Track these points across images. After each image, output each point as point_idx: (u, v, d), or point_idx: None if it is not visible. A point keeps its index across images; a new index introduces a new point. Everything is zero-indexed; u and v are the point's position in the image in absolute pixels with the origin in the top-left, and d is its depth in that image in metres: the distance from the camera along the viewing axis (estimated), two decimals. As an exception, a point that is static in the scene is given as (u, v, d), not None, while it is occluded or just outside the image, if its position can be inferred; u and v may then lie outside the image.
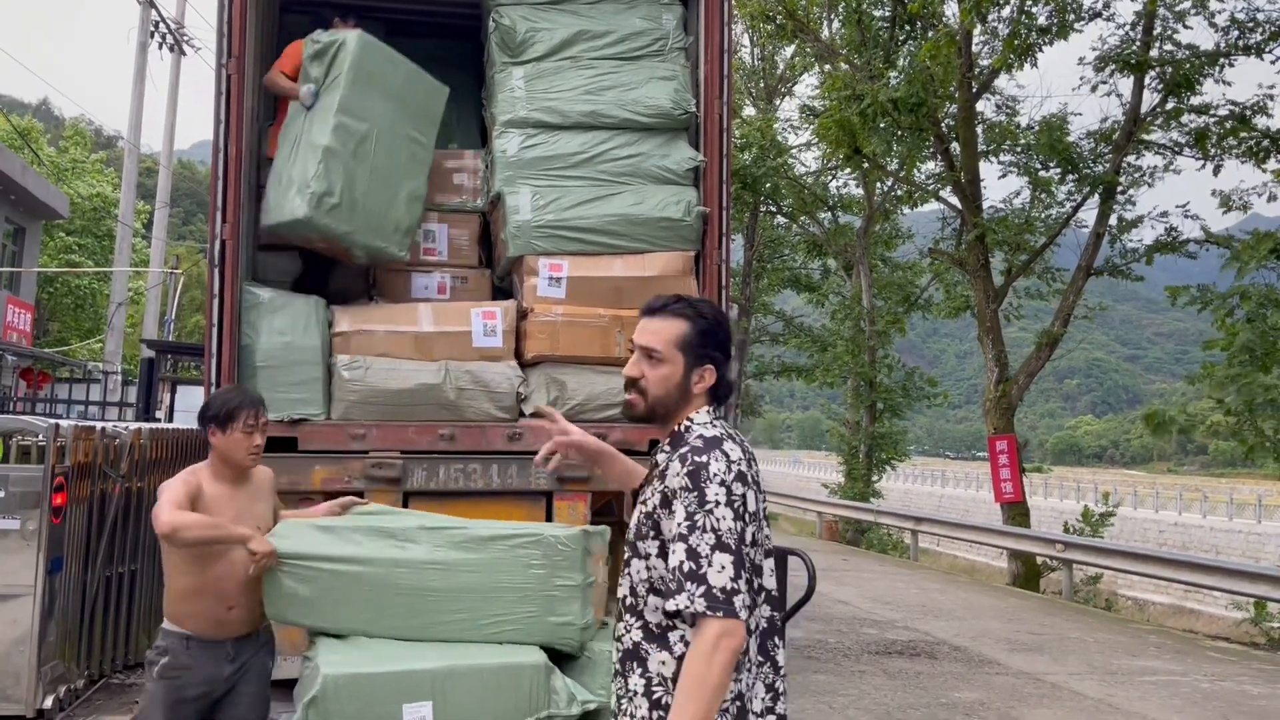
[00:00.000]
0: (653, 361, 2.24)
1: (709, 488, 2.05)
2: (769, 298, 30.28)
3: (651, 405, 2.25)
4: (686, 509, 2.05)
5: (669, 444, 2.23)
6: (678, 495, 2.08)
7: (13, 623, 5.40)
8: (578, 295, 5.75)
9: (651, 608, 2.14)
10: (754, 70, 27.63)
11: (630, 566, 2.20)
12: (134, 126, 21.21)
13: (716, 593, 1.99)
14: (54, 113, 71.02)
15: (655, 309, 2.28)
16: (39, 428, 5.59)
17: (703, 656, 1.98)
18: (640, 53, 6.19)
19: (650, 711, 2.10)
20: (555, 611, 3.76)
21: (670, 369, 2.23)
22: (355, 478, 5.26)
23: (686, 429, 2.21)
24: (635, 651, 2.15)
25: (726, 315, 2.30)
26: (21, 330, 23.51)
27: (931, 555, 24.10)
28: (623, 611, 2.22)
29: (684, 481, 2.07)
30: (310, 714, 3.29)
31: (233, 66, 5.37)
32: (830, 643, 8.63)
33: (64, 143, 37.66)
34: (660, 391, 2.23)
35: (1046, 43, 15.65)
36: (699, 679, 1.97)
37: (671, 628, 2.12)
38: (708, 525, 2.03)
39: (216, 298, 5.29)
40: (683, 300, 2.29)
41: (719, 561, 2.01)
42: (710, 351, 2.25)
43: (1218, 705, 7.01)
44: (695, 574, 2.01)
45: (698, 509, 2.04)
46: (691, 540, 2.03)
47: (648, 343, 2.25)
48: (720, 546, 2.02)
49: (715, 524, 2.03)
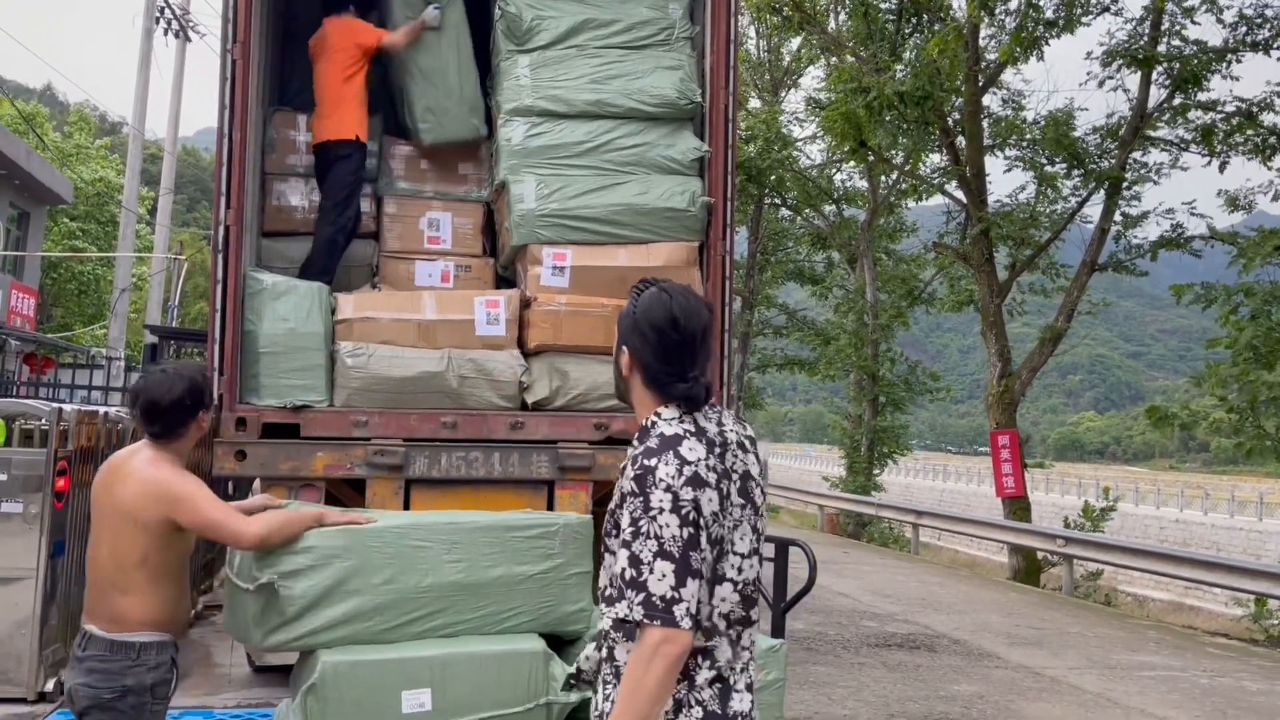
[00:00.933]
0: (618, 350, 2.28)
1: (653, 493, 2.02)
2: (772, 290, 30.25)
3: (622, 393, 2.28)
4: (631, 514, 2.04)
5: (637, 439, 2.20)
6: (625, 500, 2.07)
7: (14, 606, 5.42)
8: (581, 285, 5.74)
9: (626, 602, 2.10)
10: (760, 62, 27.56)
11: (605, 560, 2.19)
12: (139, 113, 21.20)
13: (655, 600, 1.97)
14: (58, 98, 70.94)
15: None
16: (42, 412, 5.60)
17: (640, 663, 1.96)
18: (646, 42, 6.17)
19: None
20: (569, 599, 3.78)
21: (623, 358, 2.24)
22: (357, 465, 5.26)
23: (652, 424, 2.18)
24: (607, 638, 2.16)
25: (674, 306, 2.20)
26: (25, 315, 23.53)
27: (932, 549, 24.11)
28: (601, 601, 2.23)
29: (631, 486, 2.06)
30: (309, 701, 3.28)
31: (238, 52, 5.36)
32: (830, 635, 8.64)
33: (68, 128, 37.66)
34: (619, 380, 2.27)
35: (1053, 36, 15.60)
36: (635, 687, 1.96)
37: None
38: (650, 531, 2.00)
39: (220, 283, 5.29)
40: (644, 283, 2.27)
41: (660, 569, 1.98)
42: (623, 333, 2.23)
43: (1216, 701, 7.02)
44: (635, 581, 2.00)
45: (642, 514, 2.02)
46: (635, 547, 2.01)
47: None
48: (662, 554, 1.99)
49: (659, 530, 2.00)
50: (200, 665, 6.36)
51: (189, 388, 3.08)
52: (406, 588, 3.52)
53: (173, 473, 3.04)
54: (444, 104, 6.23)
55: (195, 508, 3.00)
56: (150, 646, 2.95)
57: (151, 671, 2.94)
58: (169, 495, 2.98)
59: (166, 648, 3.00)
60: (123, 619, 2.95)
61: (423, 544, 3.59)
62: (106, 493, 3.07)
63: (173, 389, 3.05)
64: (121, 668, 2.92)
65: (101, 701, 2.90)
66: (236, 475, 5.46)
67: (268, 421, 5.29)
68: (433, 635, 3.55)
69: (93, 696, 2.90)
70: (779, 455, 71.96)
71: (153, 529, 2.98)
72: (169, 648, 3.01)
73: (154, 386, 3.08)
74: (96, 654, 2.93)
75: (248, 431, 5.22)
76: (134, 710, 2.92)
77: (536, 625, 3.70)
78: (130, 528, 2.98)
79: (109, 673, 2.91)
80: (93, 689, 2.90)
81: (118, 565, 2.98)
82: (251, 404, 5.32)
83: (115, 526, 3.01)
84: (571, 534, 3.84)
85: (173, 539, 3.03)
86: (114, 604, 2.97)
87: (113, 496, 3.04)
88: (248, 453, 5.18)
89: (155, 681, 2.95)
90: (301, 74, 6.85)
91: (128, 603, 2.96)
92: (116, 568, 2.98)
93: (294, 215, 6.29)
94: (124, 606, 2.96)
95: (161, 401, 3.05)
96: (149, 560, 2.97)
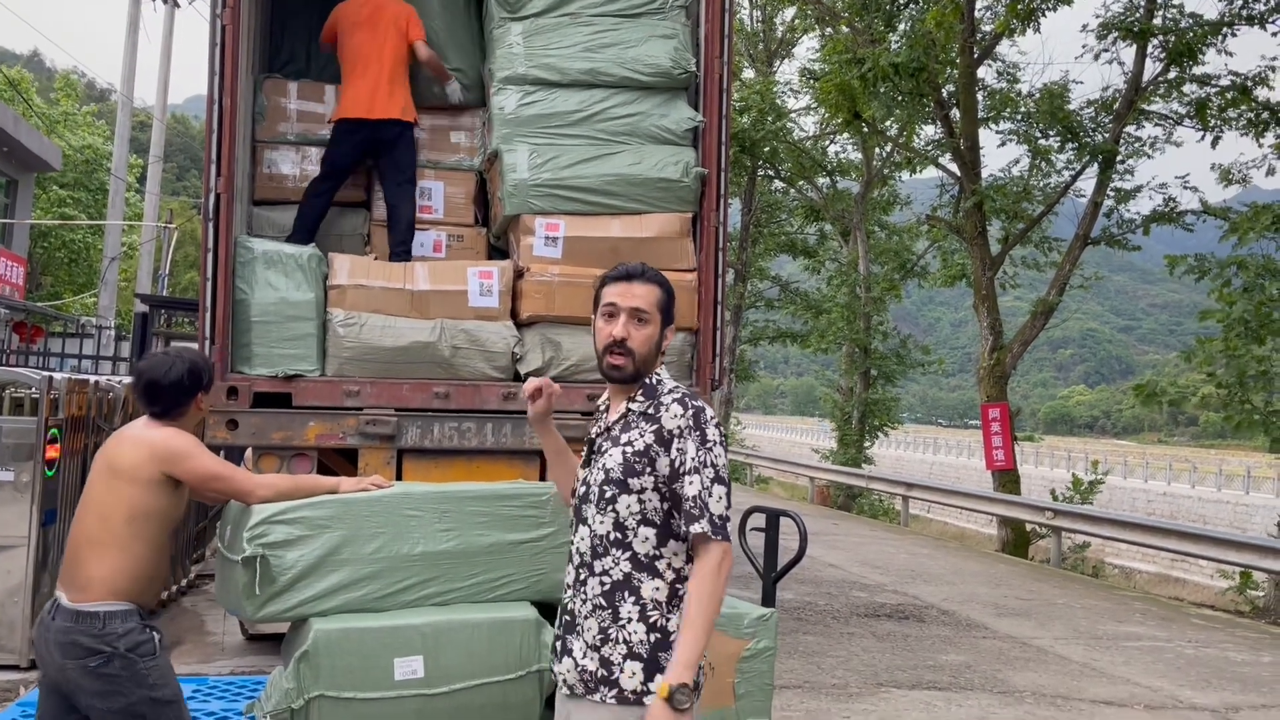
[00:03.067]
0: (640, 323, 2.45)
1: (708, 429, 2.36)
2: (765, 262, 30.22)
3: (638, 365, 2.44)
4: (695, 445, 2.34)
5: (643, 394, 2.45)
6: (681, 434, 2.35)
7: (6, 574, 5.43)
8: (574, 255, 5.72)
9: (641, 538, 2.36)
10: (753, 33, 27.38)
11: (616, 504, 2.37)
12: (127, 79, 20.99)
13: (717, 520, 2.29)
14: (45, 64, 70.20)
15: (634, 274, 2.49)
16: (32, 380, 5.58)
17: (711, 574, 2.27)
18: (640, 10, 6.12)
19: (648, 634, 2.32)
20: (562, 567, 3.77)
21: (652, 329, 2.46)
22: (349, 434, 5.26)
23: (659, 381, 2.47)
24: (626, 582, 2.35)
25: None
26: (14, 284, 23.39)
27: (922, 521, 24.27)
28: (604, 549, 2.38)
29: (688, 422, 2.36)
30: (302, 669, 3.29)
31: (228, 18, 5.30)
32: (820, 605, 8.71)
33: (55, 94, 37.25)
34: (645, 350, 2.44)
35: (1050, 8, 15.52)
36: (710, 594, 2.26)
37: (658, 557, 2.36)
38: (708, 461, 2.33)
39: (210, 252, 5.26)
40: (649, 268, 2.53)
41: (718, 493, 2.32)
42: (671, 314, 2.52)
43: (1200, 670, 7.10)
44: (703, 502, 2.30)
45: (700, 446, 2.33)
46: (703, 474, 2.31)
47: (638, 305, 2.45)
48: (718, 480, 2.33)
49: (714, 460, 2.34)
50: (193, 634, 6.38)
51: (189, 369, 3.16)
52: (398, 556, 3.52)
53: (174, 432, 3.10)
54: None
55: (198, 461, 3.06)
56: (114, 615, 2.96)
57: (122, 638, 2.95)
58: (168, 450, 3.03)
59: (130, 615, 2.99)
60: (88, 585, 2.96)
61: (414, 513, 3.59)
62: (104, 457, 3.11)
63: (172, 370, 3.13)
64: (90, 638, 2.93)
65: (89, 670, 2.92)
66: (228, 444, 5.45)
67: (259, 391, 5.29)
68: (425, 604, 3.55)
69: (79, 669, 2.92)
70: (770, 428, 72.16)
71: (146, 485, 3.00)
72: (132, 616, 2.99)
73: (155, 367, 3.16)
74: (62, 624, 2.95)
75: (239, 400, 5.22)
76: (128, 672, 2.94)
77: (529, 593, 3.71)
78: (123, 484, 3.00)
79: (80, 645, 2.92)
80: (77, 661, 2.93)
81: (102, 520, 3.00)
82: (243, 373, 5.32)
83: (107, 484, 3.03)
84: (563, 502, 3.83)
85: (164, 499, 3.03)
86: (86, 565, 2.98)
87: (109, 458, 3.08)
88: (239, 422, 5.18)
89: (131, 645, 2.95)
90: (292, 41, 6.78)
91: (101, 563, 2.97)
92: (101, 522, 3.00)
93: (285, 184, 6.22)
94: (94, 569, 2.97)
95: (161, 381, 3.12)
96: (135, 518, 2.99)
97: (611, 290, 2.47)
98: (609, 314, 2.45)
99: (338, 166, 6.04)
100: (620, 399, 2.49)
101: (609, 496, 2.38)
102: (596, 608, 2.36)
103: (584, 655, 2.35)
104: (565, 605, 2.47)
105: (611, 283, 2.49)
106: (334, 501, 3.50)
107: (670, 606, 2.33)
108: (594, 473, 2.46)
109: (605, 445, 2.45)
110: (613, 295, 2.46)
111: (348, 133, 5.99)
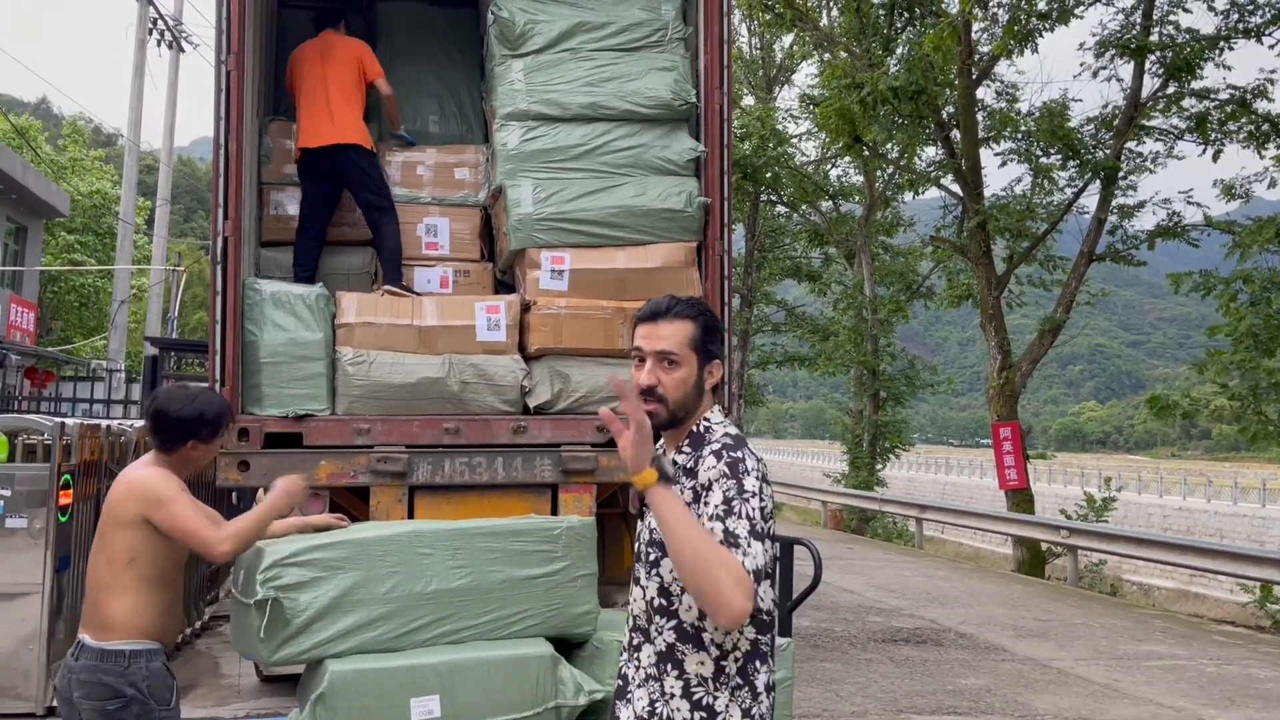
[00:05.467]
0: (669, 366, 2.22)
1: (746, 479, 2.09)
2: (770, 287, 30.24)
3: (673, 410, 2.22)
4: (725, 494, 2.07)
5: (689, 444, 2.22)
6: (714, 484, 2.09)
7: (21, 621, 5.42)
8: (580, 288, 5.75)
9: (685, 607, 2.15)
10: (752, 60, 27.55)
11: (660, 566, 2.19)
12: (133, 124, 21.20)
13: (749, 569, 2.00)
14: (53, 111, 70.93)
15: (660, 313, 2.26)
16: (44, 426, 5.60)
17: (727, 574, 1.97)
18: (640, 44, 6.17)
19: (692, 712, 2.12)
20: (576, 601, 3.77)
21: (687, 371, 2.23)
22: (361, 472, 5.27)
23: (707, 428, 2.24)
24: (670, 654, 2.16)
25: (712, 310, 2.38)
26: (25, 329, 23.53)
27: (936, 543, 24.11)
28: (650, 615, 2.21)
29: (723, 470, 2.10)
30: (318, 710, 3.28)
31: (232, 63, 5.36)
32: (837, 631, 8.65)
33: (63, 141, 37.63)
34: (680, 395, 2.22)
35: (1047, 28, 15.60)
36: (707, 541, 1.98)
37: (704, 629, 2.13)
38: (744, 512, 2.05)
39: (219, 294, 5.29)
40: (680, 300, 2.30)
41: (756, 549, 2.02)
42: (715, 348, 2.28)
43: (1223, 689, 7.03)
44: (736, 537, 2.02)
45: (736, 495, 2.06)
46: (729, 522, 2.03)
47: (664, 347, 2.22)
48: (755, 534, 2.03)
49: (751, 513, 2.05)
50: (208, 676, 6.36)
51: (197, 414, 3.13)
52: (412, 595, 3.52)
53: (158, 474, 3.07)
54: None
55: (170, 510, 3.01)
56: (139, 655, 2.97)
57: (145, 680, 2.95)
58: (147, 494, 3.01)
59: (156, 655, 3.00)
60: (110, 625, 2.98)
61: (427, 551, 3.60)
62: (107, 499, 3.14)
63: (183, 408, 3.12)
64: (114, 677, 2.93)
65: (107, 713, 2.92)
66: (240, 486, 5.46)
67: (270, 431, 5.30)
68: (440, 641, 3.55)
69: (96, 710, 2.92)
70: (780, 452, 71.92)
71: (131, 527, 3.00)
72: (158, 655, 3.01)
73: (169, 399, 3.16)
74: (87, 664, 2.96)
75: (250, 442, 5.23)
76: (141, 718, 2.94)
77: (544, 629, 3.71)
78: (116, 527, 3.02)
79: (103, 684, 2.93)
80: (94, 702, 2.92)
81: (110, 564, 3.02)
82: (254, 414, 5.33)
83: (108, 527, 3.06)
84: (575, 536, 3.84)
85: (152, 540, 3.03)
86: (104, 608, 3.00)
87: (109, 500, 3.11)
88: (250, 463, 5.19)
89: (152, 688, 2.96)
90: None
91: (117, 605, 2.98)
92: (109, 565, 3.02)
93: (291, 224, 6.28)
94: (113, 610, 2.98)
95: (168, 414, 3.11)
96: (138, 560, 3.00)
97: (639, 333, 2.27)
98: (638, 359, 2.26)
99: (311, 201, 6.16)
100: (672, 445, 2.29)
101: (653, 560, 2.21)
102: (649, 677, 2.19)
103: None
104: (620, 669, 2.31)
105: (640, 324, 2.28)
106: (347, 543, 3.51)
107: (718, 684, 2.11)
108: (643, 530, 2.29)
109: None
110: (639, 339, 2.26)
111: (309, 165, 6.14)
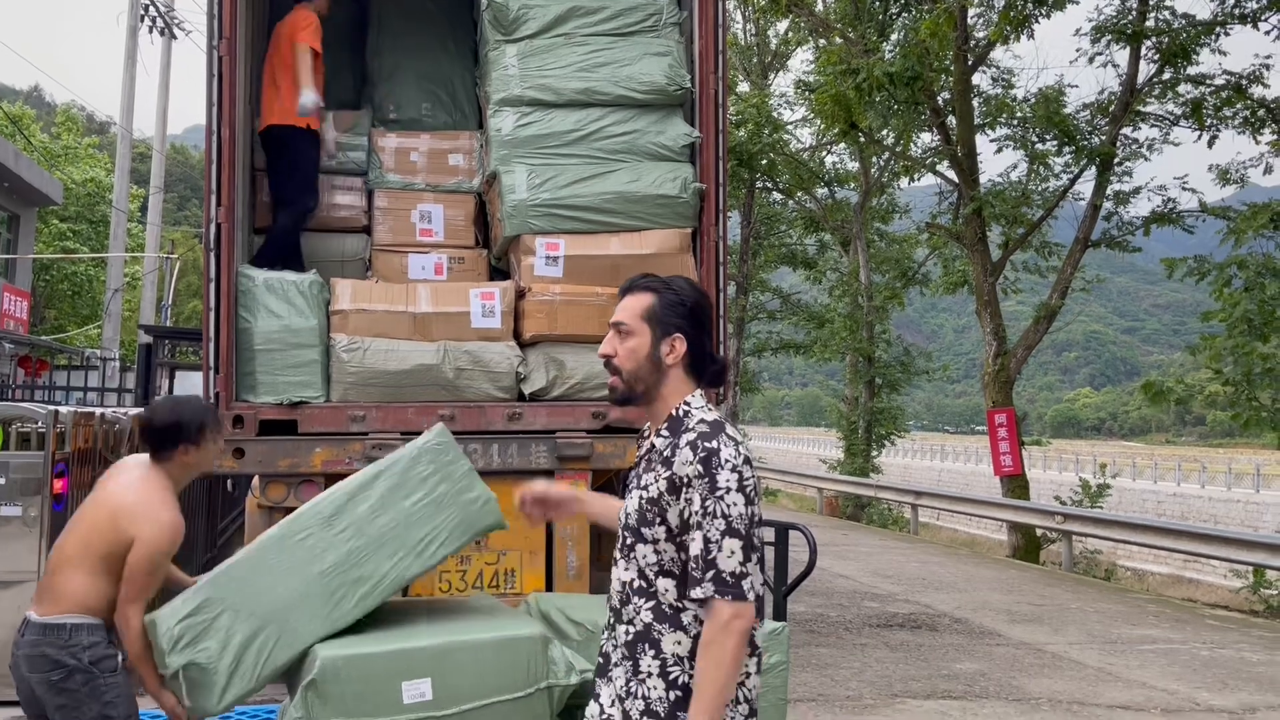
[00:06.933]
0: (621, 335, 2.27)
1: (720, 474, 2.09)
2: (766, 274, 30.24)
3: (627, 381, 2.25)
4: (700, 496, 2.10)
5: (668, 429, 2.23)
6: (690, 483, 2.11)
7: (16, 609, 5.39)
8: (575, 274, 5.73)
9: (663, 589, 2.17)
10: (747, 46, 27.47)
11: (635, 551, 2.21)
12: (126, 111, 21.11)
13: (725, 577, 2.06)
14: (45, 99, 70.60)
15: (626, 289, 2.33)
16: (39, 414, 5.59)
17: (717, 635, 2.05)
18: (634, 29, 6.14)
19: (667, 691, 2.14)
20: (469, 502, 3.71)
21: (638, 340, 2.25)
22: (356, 459, 5.26)
23: (685, 413, 2.22)
24: (646, 634, 2.17)
25: (704, 292, 2.36)
26: (18, 318, 23.46)
27: (931, 529, 24.19)
28: (628, 596, 2.22)
29: (696, 469, 2.11)
30: (309, 697, 3.26)
31: (224, 48, 5.33)
32: (832, 616, 8.67)
33: (56, 128, 37.45)
34: (631, 365, 2.25)
35: (1043, 14, 15.56)
36: (717, 660, 2.04)
37: (683, 609, 2.16)
38: (719, 511, 2.07)
39: (213, 281, 5.27)
40: (653, 277, 2.33)
41: (728, 547, 2.06)
42: (676, 320, 2.26)
43: (1217, 672, 7.06)
44: (706, 560, 2.07)
45: (709, 494, 2.08)
46: (705, 528, 2.08)
47: (617, 318, 2.28)
48: (730, 532, 2.07)
49: (726, 509, 2.07)
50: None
51: (175, 420, 3.25)
52: (314, 577, 3.46)
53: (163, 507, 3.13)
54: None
55: (138, 555, 3.06)
56: (81, 628, 3.04)
57: (87, 650, 3.03)
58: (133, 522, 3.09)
59: (97, 629, 3.08)
60: (59, 599, 3.05)
61: (303, 536, 3.51)
62: (101, 484, 3.23)
63: (165, 416, 3.27)
64: (55, 649, 3.01)
65: (51, 684, 2.99)
66: (235, 473, 5.45)
67: (265, 418, 5.29)
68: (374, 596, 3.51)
69: (42, 682, 3.01)
70: (776, 439, 72.03)
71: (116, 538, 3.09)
72: (100, 630, 3.09)
73: (153, 409, 3.36)
74: (31, 638, 3.04)
75: (245, 429, 5.22)
76: (87, 687, 3.02)
77: (458, 536, 3.66)
78: (108, 525, 3.10)
79: (45, 656, 3.01)
80: (39, 674, 3.01)
81: (84, 546, 3.09)
82: (248, 401, 5.32)
83: (95, 513, 3.14)
84: (431, 449, 3.77)
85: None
86: (59, 583, 3.07)
87: (106, 490, 3.19)
88: (245, 450, 5.18)
89: (95, 658, 3.04)
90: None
91: (73, 582, 3.06)
92: (83, 547, 3.09)
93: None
94: (67, 586, 3.06)
95: (154, 421, 3.27)
96: (111, 555, 3.08)
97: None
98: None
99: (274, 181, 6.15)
100: (653, 427, 2.30)
101: (629, 544, 2.24)
102: (624, 657, 2.21)
103: (611, 704, 2.22)
104: (601, 647, 2.33)
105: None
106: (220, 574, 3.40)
107: (693, 663, 2.12)
108: (620, 514, 2.31)
109: (632, 483, 2.29)
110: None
111: (265, 147, 6.14)
